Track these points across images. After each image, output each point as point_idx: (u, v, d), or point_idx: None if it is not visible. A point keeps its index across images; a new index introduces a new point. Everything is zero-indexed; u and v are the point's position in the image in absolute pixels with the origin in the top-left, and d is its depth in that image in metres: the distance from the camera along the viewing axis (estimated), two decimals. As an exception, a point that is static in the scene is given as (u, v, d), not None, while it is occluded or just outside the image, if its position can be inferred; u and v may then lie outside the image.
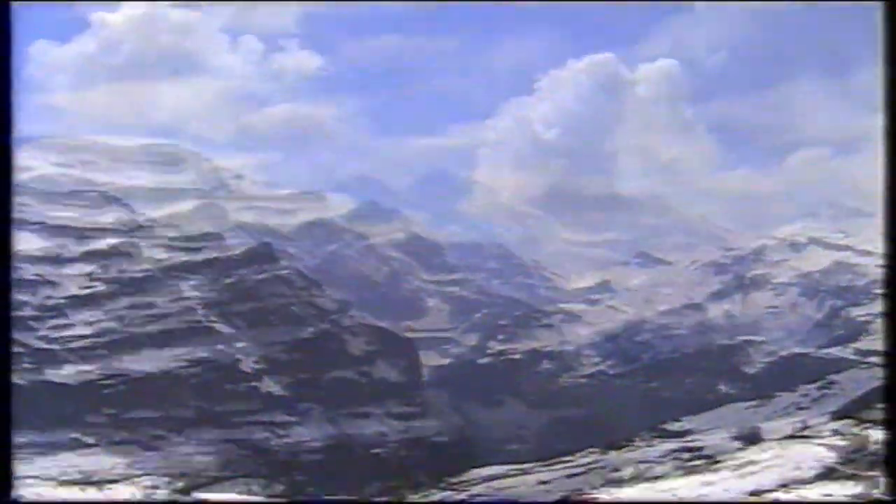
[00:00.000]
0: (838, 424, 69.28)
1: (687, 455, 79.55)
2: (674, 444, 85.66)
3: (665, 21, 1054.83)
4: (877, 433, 54.95)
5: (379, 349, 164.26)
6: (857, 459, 53.82)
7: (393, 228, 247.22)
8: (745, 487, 54.03)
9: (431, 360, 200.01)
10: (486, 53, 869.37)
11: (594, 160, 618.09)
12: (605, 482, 73.45)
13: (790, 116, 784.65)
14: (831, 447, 58.83)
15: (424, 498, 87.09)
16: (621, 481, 71.66)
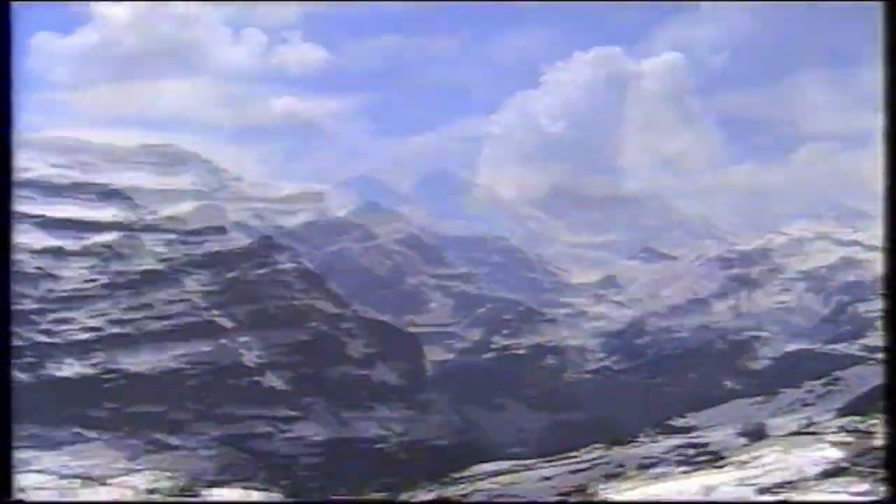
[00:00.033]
0: (844, 421, 68.66)
1: (692, 451, 79.05)
2: (678, 441, 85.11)
3: (669, 18, 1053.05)
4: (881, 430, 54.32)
5: (381, 345, 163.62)
6: (862, 458, 53.17)
7: (394, 228, 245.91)
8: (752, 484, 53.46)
9: (435, 354, 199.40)
10: (489, 49, 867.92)
11: (599, 154, 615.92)
12: (608, 477, 72.94)
13: (797, 111, 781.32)
14: (837, 444, 58.23)
15: (428, 494, 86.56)
16: (625, 477, 71.11)
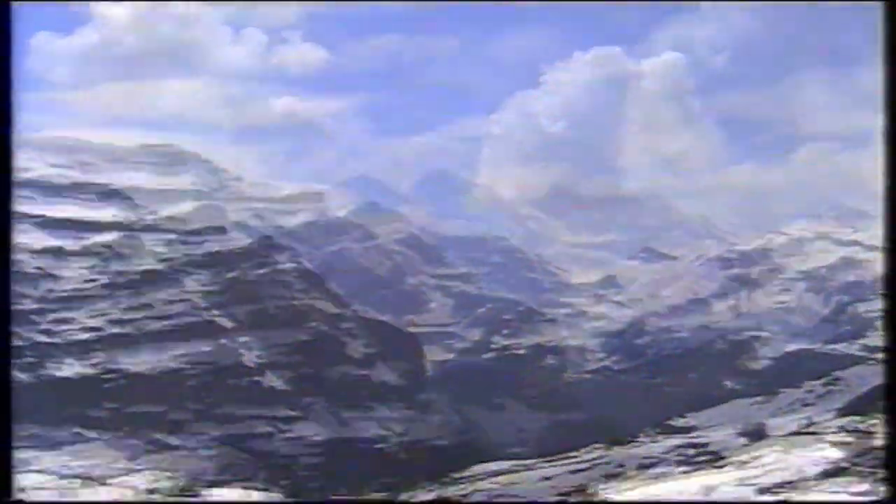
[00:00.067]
0: (844, 421, 68.60)
1: (692, 451, 79.02)
2: (678, 441, 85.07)
3: (669, 18, 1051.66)
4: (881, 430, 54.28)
5: (382, 346, 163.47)
6: (862, 458, 53.14)
7: (394, 228, 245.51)
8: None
9: (435, 354, 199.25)
10: (490, 49, 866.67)
11: (600, 154, 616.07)
12: (608, 477, 72.90)
13: (797, 111, 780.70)
14: (837, 444, 58.19)
15: (428, 494, 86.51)
16: (625, 477, 71.07)
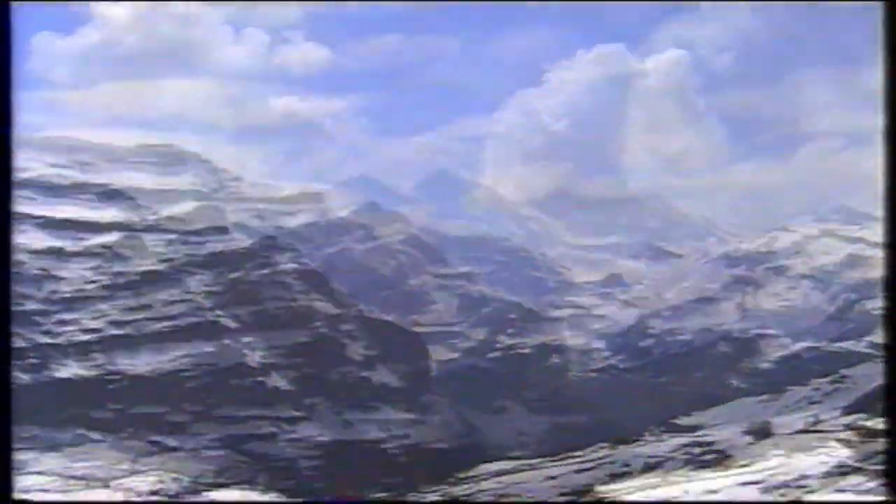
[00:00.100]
0: (850, 419, 68.09)
1: (697, 450, 78.52)
2: (684, 440, 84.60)
3: (671, 17, 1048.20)
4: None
5: (385, 346, 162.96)
6: (869, 456, 52.63)
7: (395, 228, 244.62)
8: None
9: (440, 354, 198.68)
10: (491, 49, 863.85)
11: (602, 152, 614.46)
12: (613, 476, 72.46)
13: (800, 108, 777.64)
14: (843, 442, 57.67)
15: (433, 494, 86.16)
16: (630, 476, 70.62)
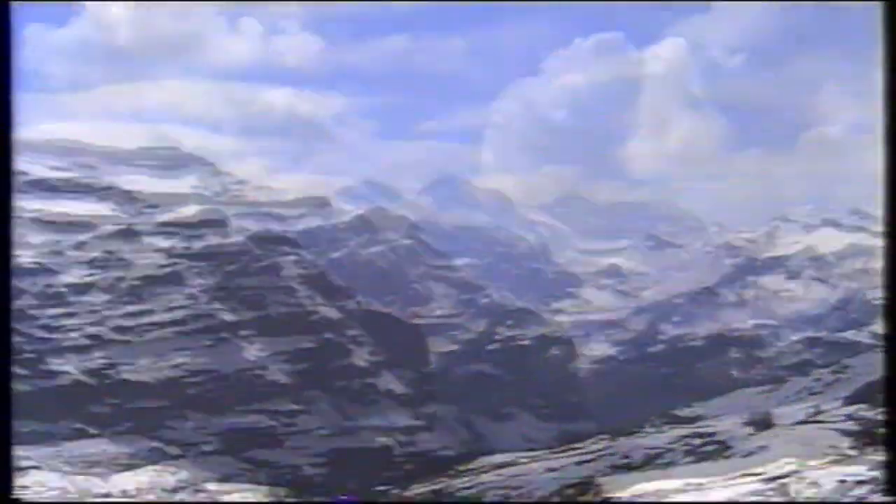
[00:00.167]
0: (851, 409, 67.73)
1: (698, 441, 78.08)
2: (685, 430, 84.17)
3: (674, 10, 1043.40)
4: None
5: (386, 344, 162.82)
6: (869, 446, 52.35)
7: (398, 231, 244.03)
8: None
9: (440, 346, 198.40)
10: (494, 49, 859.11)
11: (604, 144, 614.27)
12: (614, 468, 72.14)
13: (803, 99, 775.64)
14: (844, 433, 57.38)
15: (434, 486, 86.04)
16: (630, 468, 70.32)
